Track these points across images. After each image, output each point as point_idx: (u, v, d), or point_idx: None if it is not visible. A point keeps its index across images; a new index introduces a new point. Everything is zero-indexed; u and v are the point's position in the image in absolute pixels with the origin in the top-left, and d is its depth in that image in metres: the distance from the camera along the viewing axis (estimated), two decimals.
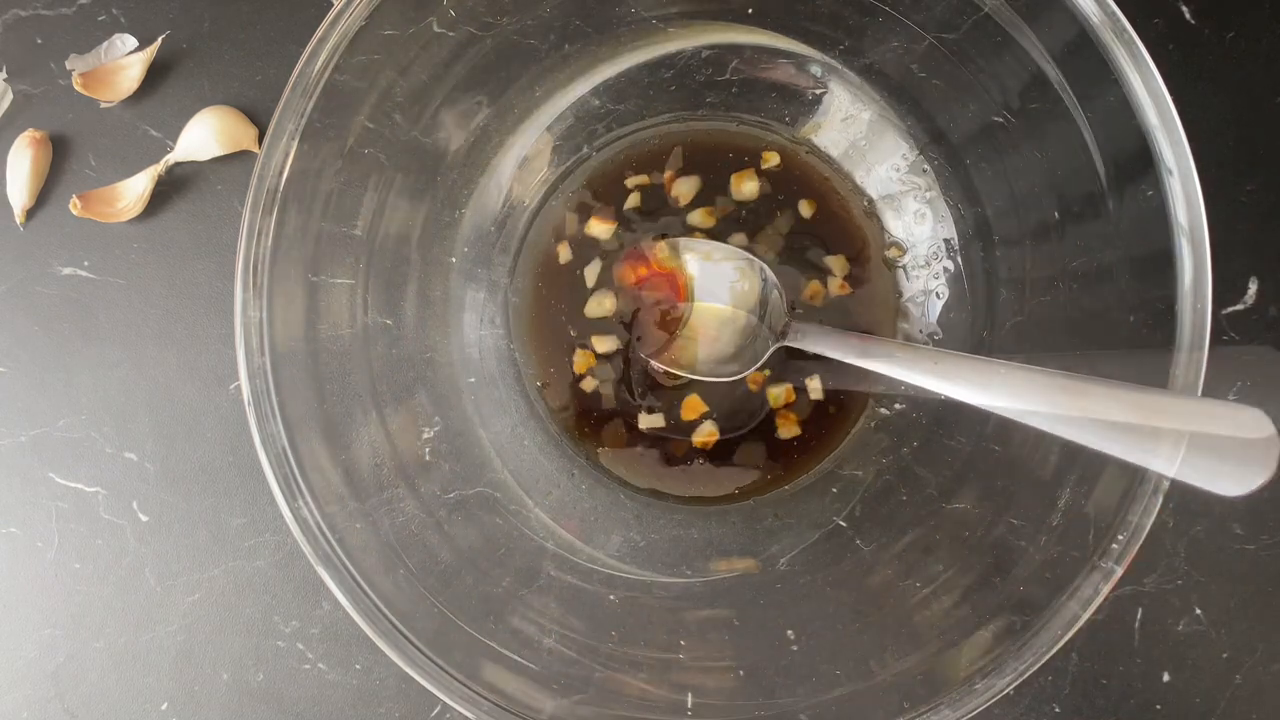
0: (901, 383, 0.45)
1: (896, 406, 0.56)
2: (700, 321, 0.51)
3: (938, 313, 0.56)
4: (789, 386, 0.54)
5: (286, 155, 0.44)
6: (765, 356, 0.50)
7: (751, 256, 0.52)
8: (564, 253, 0.58)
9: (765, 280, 0.50)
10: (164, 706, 0.58)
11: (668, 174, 0.57)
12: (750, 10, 0.53)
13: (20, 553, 0.59)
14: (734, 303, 0.51)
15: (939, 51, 0.49)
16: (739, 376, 0.50)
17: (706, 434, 0.55)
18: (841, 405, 0.56)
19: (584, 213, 0.58)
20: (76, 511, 0.59)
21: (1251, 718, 0.56)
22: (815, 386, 0.55)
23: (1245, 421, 0.36)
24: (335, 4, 0.44)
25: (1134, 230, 0.44)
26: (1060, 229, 0.48)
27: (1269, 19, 0.58)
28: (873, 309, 0.56)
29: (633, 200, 0.57)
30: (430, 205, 0.54)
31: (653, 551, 0.54)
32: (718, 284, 0.52)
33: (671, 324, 0.53)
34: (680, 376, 0.53)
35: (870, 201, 0.57)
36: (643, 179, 0.58)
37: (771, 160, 0.56)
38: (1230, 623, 0.56)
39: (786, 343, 0.48)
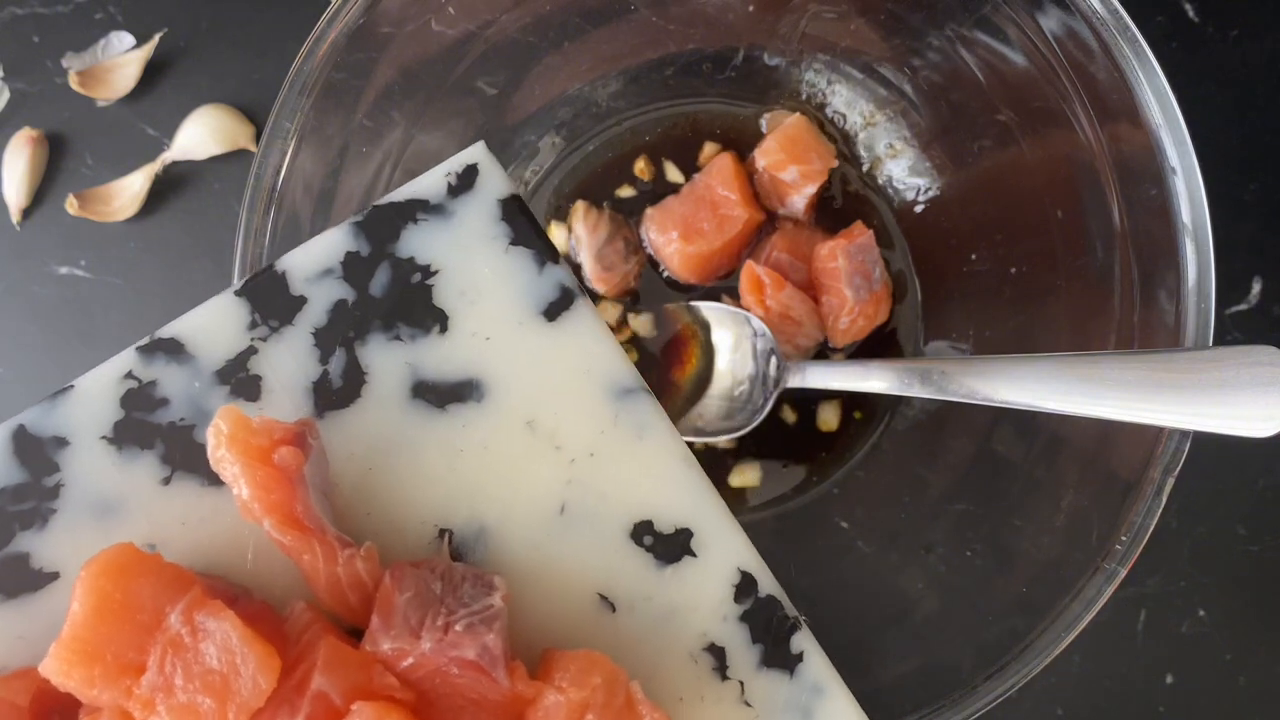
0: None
1: (899, 409, 0.56)
2: (696, 388, 0.51)
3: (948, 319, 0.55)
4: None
5: (284, 154, 0.44)
6: (768, 407, 0.50)
7: (737, 310, 0.52)
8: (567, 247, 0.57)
9: (755, 332, 0.50)
10: None
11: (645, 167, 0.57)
12: (751, 8, 0.53)
13: None
14: (729, 365, 0.51)
15: (942, 48, 0.49)
16: (743, 432, 0.50)
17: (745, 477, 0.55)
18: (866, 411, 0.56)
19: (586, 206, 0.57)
20: None
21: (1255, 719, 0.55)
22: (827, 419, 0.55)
23: (1260, 359, 0.37)
24: (333, 2, 0.44)
25: (1137, 229, 0.44)
26: (1064, 227, 0.48)
27: (1272, 17, 0.58)
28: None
29: (626, 190, 0.57)
30: None
31: None
32: (714, 345, 0.52)
33: (672, 390, 0.53)
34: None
35: (874, 197, 0.57)
36: (642, 166, 0.57)
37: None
38: (1233, 624, 0.56)
39: (786, 386, 0.48)
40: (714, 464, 0.55)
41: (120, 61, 0.59)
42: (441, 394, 0.37)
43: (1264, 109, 0.57)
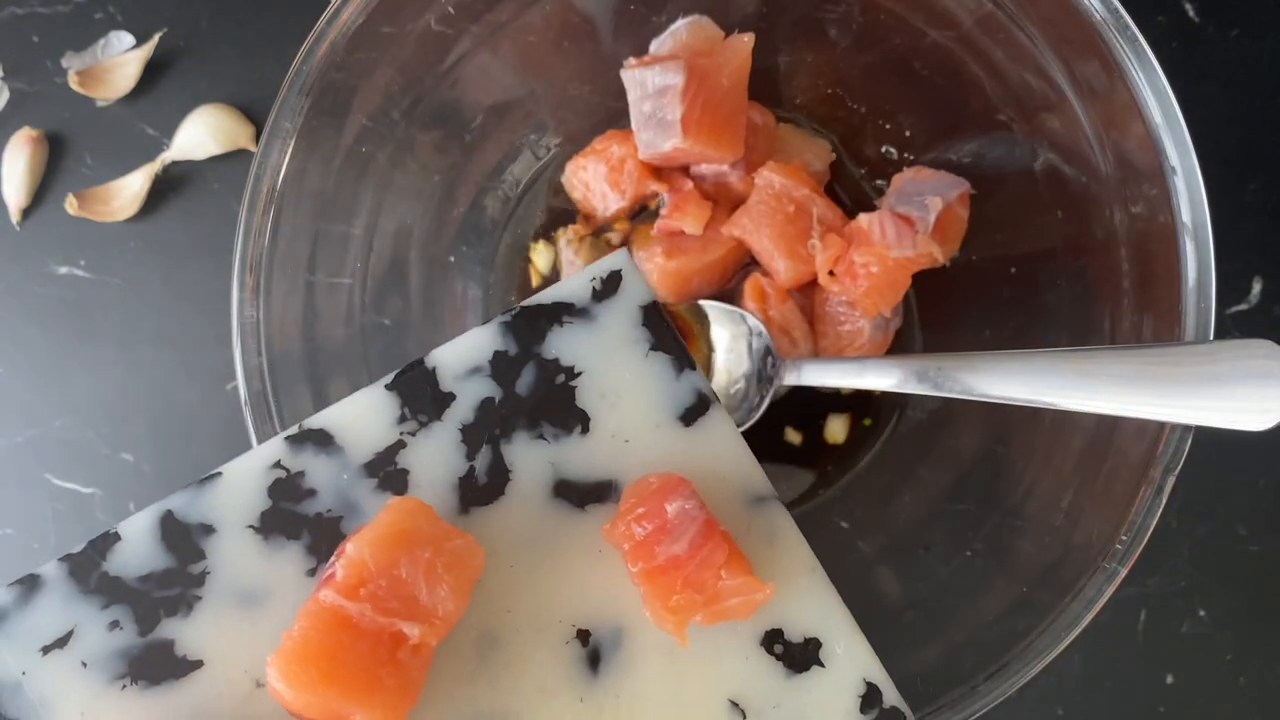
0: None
1: (905, 411, 0.56)
2: None
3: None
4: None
5: (284, 154, 0.44)
6: (764, 405, 0.50)
7: (733, 308, 0.52)
8: None
9: (751, 330, 0.50)
10: None
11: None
12: (750, 10, 0.53)
13: (16, 554, 0.59)
14: (725, 362, 0.51)
15: (942, 49, 0.49)
16: (739, 430, 0.50)
17: None
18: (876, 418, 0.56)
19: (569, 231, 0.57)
20: (73, 512, 0.59)
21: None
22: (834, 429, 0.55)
23: (1256, 353, 0.37)
24: (333, 2, 0.44)
25: (1137, 229, 0.44)
26: (1063, 227, 0.48)
27: (1272, 16, 0.58)
28: None
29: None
30: (429, 204, 0.53)
31: None
32: (713, 343, 0.52)
33: None
34: None
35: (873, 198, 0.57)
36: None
37: None
38: (1234, 624, 0.56)
39: (784, 383, 0.48)
40: None
41: (120, 61, 0.59)
42: (582, 494, 0.37)
43: (1264, 109, 0.57)
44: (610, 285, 0.39)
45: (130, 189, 0.59)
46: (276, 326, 0.44)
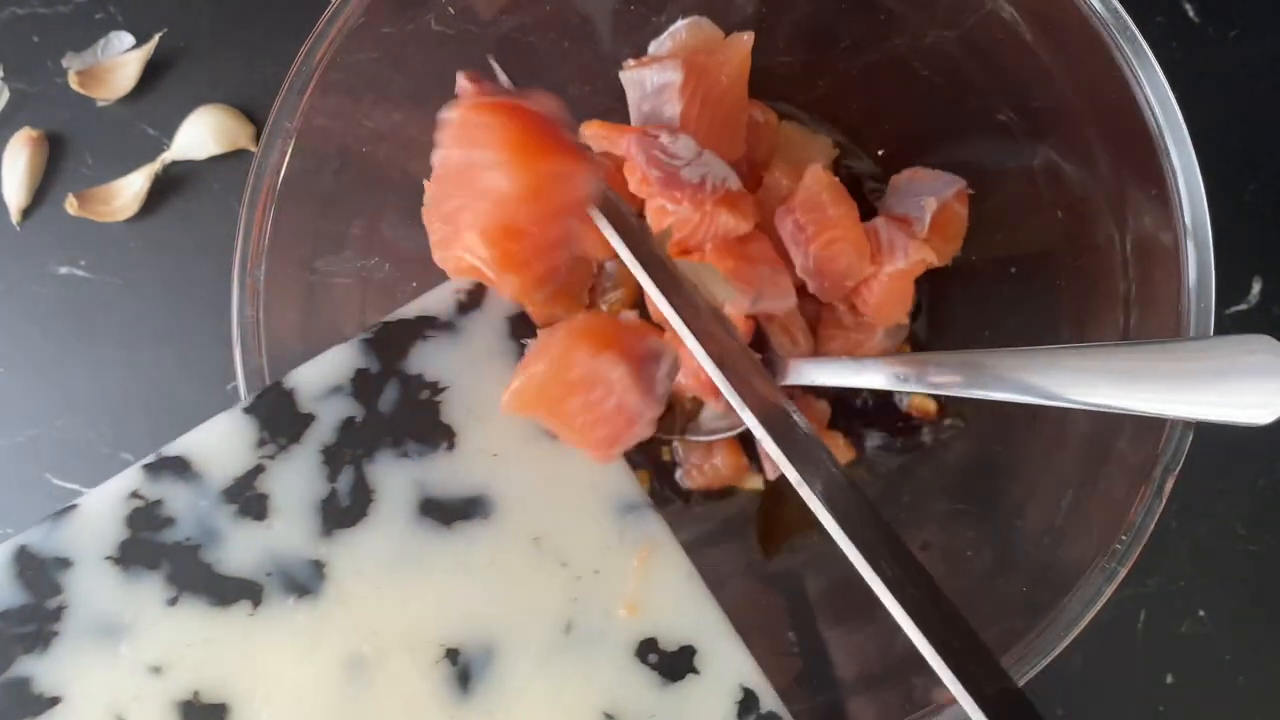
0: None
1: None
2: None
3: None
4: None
5: (284, 153, 0.44)
6: None
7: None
8: None
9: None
10: None
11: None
12: (750, 11, 0.53)
13: None
14: None
15: (942, 48, 0.49)
16: (738, 430, 0.50)
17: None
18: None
19: None
20: None
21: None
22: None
23: (1256, 347, 0.37)
24: (333, 1, 0.44)
25: (1137, 229, 0.44)
26: (1063, 227, 0.48)
27: (1272, 17, 0.58)
28: None
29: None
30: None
31: None
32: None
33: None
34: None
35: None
36: None
37: None
38: (1234, 624, 0.56)
39: (783, 382, 0.48)
40: None
41: (120, 61, 0.59)
42: (448, 512, 0.37)
43: (1264, 109, 0.57)
44: (475, 297, 0.38)
45: (130, 189, 0.59)
46: (277, 327, 0.45)
